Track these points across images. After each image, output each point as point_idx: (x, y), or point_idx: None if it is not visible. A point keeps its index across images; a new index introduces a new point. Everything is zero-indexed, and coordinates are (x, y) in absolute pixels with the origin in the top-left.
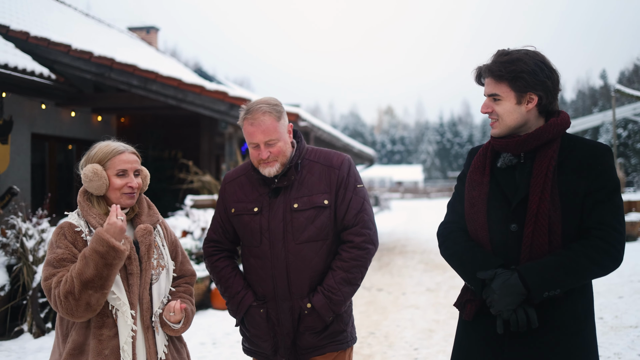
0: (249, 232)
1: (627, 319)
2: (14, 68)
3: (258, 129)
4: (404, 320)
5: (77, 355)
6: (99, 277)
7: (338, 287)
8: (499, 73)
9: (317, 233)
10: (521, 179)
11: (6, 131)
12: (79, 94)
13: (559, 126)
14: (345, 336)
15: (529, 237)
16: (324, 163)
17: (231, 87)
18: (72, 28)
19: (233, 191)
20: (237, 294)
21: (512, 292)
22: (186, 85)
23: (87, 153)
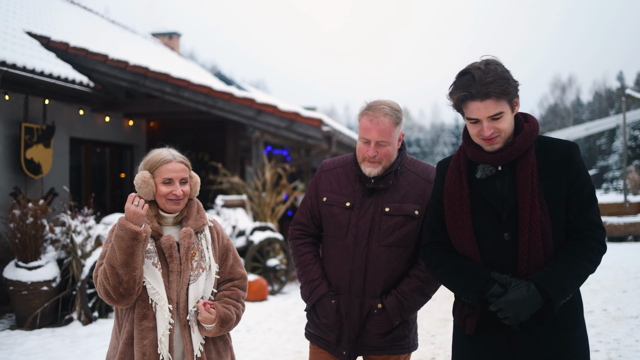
0: (336, 224)
1: (629, 311)
2: (57, 77)
3: (375, 127)
4: (422, 311)
5: (130, 345)
6: (125, 260)
7: (411, 294)
8: (500, 92)
9: (401, 240)
10: (503, 188)
11: (49, 136)
12: (114, 100)
13: (535, 132)
14: (407, 342)
15: (526, 244)
16: (421, 175)
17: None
18: (103, 36)
19: (328, 180)
20: (313, 281)
21: (530, 305)
22: (216, 93)
23: (144, 158)
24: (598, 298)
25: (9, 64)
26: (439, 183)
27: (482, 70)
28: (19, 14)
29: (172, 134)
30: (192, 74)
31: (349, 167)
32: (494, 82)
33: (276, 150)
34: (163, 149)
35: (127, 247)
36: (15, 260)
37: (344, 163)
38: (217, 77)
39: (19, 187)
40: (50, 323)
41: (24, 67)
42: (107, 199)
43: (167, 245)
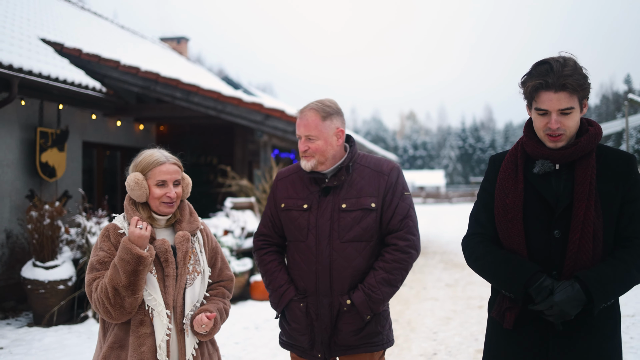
0: (296, 227)
1: (626, 310)
2: (71, 83)
3: (302, 122)
4: (425, 310)
5: (117, 349)
6: (128, 282)
7: (378, 287)
8: (577, 86)
9: (361, 234)
10: (559, 186)
11: (63, 140)
12: (125, 105)
13: (598, 136)
14: (381, 338)
15: (576, 243)
16: (374, 168)
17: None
18: (113, 41)
19: (284, 187)
20: (280, 287)
21: (575, 304)
22: (225, 98)
23: (134, 159)
24: None
25: (26, 71)
26: (490, 176)
27: (561, 63)
28: (33, 21)
29: (181, 137)
30: (201, 79)
31: (302, 172)
32: (571, 76)
33: (283, 153)
34: (155, 150)
35: (132, 271)
36: (33, 260)
37: (297, 169)
38: (225, 81)
39: (34, 190)
40: (67, 320)
41: (39, 74)
42: (118, 201)
43: (163, 250)
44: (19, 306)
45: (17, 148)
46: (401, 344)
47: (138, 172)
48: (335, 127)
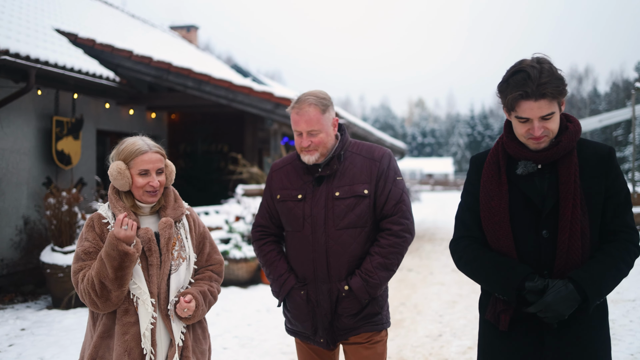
0: (292, 217)
1: (627, 295)
2: (86, 72)
3: (302, 119)
4: (431, 294)
5: (106, 338)
6: (115, 277)
7: (375, 271)
8: (556, 93)
9: (356, 220)
10: (543, 186)
11: (78, 128)
12: (138, 94)
13: (577, 133)
14: (380, 318)
15: (566, 242)
16: (365, 155)
17: (268, 84)
18: (124, 30)
19: (279, 179)
20: (281, 276)
21: (569, 304)
22: (236, 87)
23: (116, 147)
24: None
25: (42, 61)
26: (473, 177)
27: (538, 69)
28: (47, 11)
29: (192, 125)
30: (211, 67)
31: (296, 163)
32: (549, 82)
33: (293, 141)
34: (137, 138)
35: (119, 266)
36: (52, 245)
37: (291, 160)
38: (234, 69)
39: (50, 177)
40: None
41: (55, 64)
42: None
43: (146, 239)
44: (38, 290)
45: (33, 136)
46: (408, 325)
47: (120, 160)
48: (332, 117)
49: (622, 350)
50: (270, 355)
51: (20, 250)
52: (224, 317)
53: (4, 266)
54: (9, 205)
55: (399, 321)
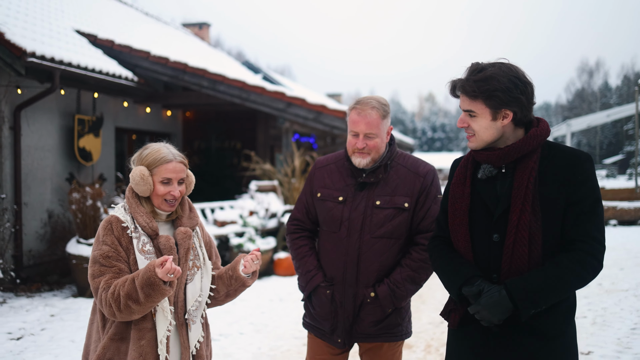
0: (330, 218)
1: (621, 285)
2: (106, 73)
3: (363, 120)
4: (435, 284)
5: (117, 341)
6: (145, 306)
7: (403, 283)
8: (473, 93)
9: (392, 231)
10: (502, 190)
11: (98, 126)
12: (155, 93)
13: (538, 137)
14: (400, 330)
15: (510, 247)
16: (411, 169)
17: (279, 81)
18: (140, 29)
19: (322, 177)
20: (309, 272)
21: (500, 310)
22: (249, 87)
23: (140, 151)
24: None
25: (66, 63)
26: (449, 180)
27: (477, 69)
28: (67, 12)
29: (206, 123)
30: (224, 66)
31: (341, 163)
32: (476, 81)
33: (304, 138)
34: (162, 146)
35: (152, 300)
36: (77, 237)
37: (336, 159)
38: (245, 66)
39: (73, 173)
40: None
41: (78, 65)
42: None
43: (167, 247)
44: (62, 279)
45: (56, 134)
46: (412, 313)
47: (144, 166)
48: (388, 126)
49: (609, 335)
50: (283, 340)
51: (45, 242)
52: (239, 305)
53: (31, 257)
54: (34, 200)
55: None
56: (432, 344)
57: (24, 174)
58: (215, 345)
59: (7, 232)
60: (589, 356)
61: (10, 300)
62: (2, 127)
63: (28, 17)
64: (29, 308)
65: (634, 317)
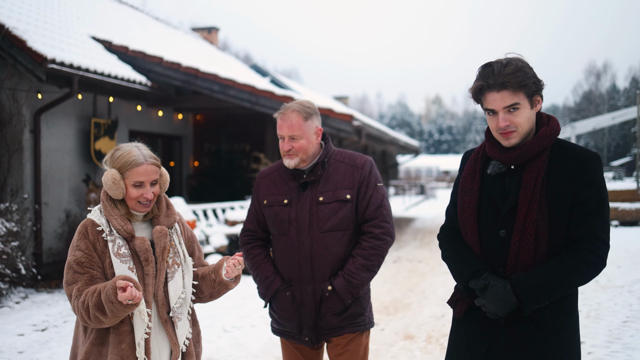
0: (278, 221)
1: (617, 282)
2: (121, 78)
3: (285, 124)
4: (438, 282)
5: (98, 345)
6: (110, 318)
7: (357, 272)
8: (517, 83)
9: (339, 224)
10: (511, 187)
11: (113, 129)
12: (167, 97)
13: (549, 137)
14: (363, 319)
15: (516, 244)
16: (348, 163)
17: (287, 84)
18: (151, 34)
19: (266, 185)
20: (267, 278)
21: (505, 304)
22: (259, 91)
23: (111, 152)
24: None
25: (84, 68)
26: (460, 172)
27: (502, 63)
28: (82, 19)
29: (216, 126)
30: (233, 70)
31: (282, 170)
32: (511, 74)
33: None
34: (133, 147)
35: (119, 317)
36: None
37: (278, 167)
38: (253, 69)
39: (89, 174)
40: None
41: (95, 71)
42: None
43: (143, 249)
44: None
45: (74, 137)
46: (415, 308)
47: (115, 169)
48: (315, 126)
49: (602, 327)
50: None
51: (63, 241)
52: (250, 300)
53: (50, 255)
54: (53, 200)
55: (407, 304)
56: (433, 335)
57: (43, 175)
58: (228, 337)
59: (28, 231)
60: (581, 346)
61: (31, 296)
62: (24, 130)
63: (47, 25)
64: (50, 302)
65: (626, 312)
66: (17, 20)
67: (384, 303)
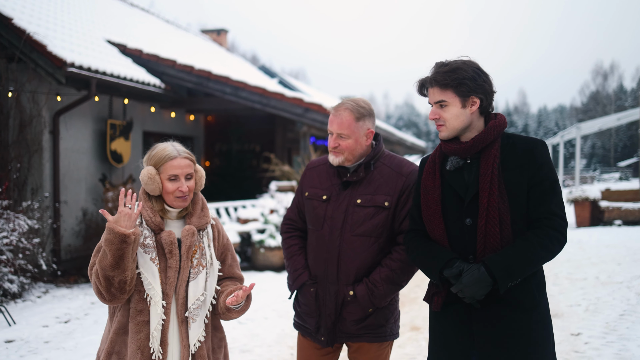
0: (314, 216)
1: (616, 278)
2: (136, 81)
3: (335, 120)
4: None
5: (121, 335)
6: (115, 262)
7: (381, 283)
8: (444, 82)
9: (372, 229)
10: (470, 178)
11: (128, 130)
12: (180, 99)
13: (498, 127)
14: (384, 330)
15: (483, 229)
16: (394, 168)
17: (294, 85)
18: (162, 37)
19: (311, 177)
20: (296, 270)
21: (482, 285)
22: (270, 93)
23: (149, 152)
24: (595, 269)
25: (101, 72)
26: (420, 176)
27: (443, 63)
28: (97, 23)
29: (227, 127)
30: (243, 72)
31: (329, 164)
32: (443, 73)
33: (320, 141)
34: (167, 144)
35: (116, 250)
36: None
37: (326, 161)
38: (262, 71)
39: (105, 174)
40: None
41: (111, 74)
42: None
43: (168, 242)
44: None
45: (90, 138)
46: (421, 302)
47: (151, 166)
48: (367, 128)
49: (599, 320)
50: None
51: (81, 238)
52: (262, 295)
53: (68, 252)
54: (71, 199)
55: (414, 299)
56: None
57: (61, 175)
58: (243, 328)
59: (47, 228)
60: (579, 337)
61: (52, 290)
62: (43, 131)
63: (65, 30)
64: (70, 297)
65: (624, 305)
66: (38, 25)
67: None
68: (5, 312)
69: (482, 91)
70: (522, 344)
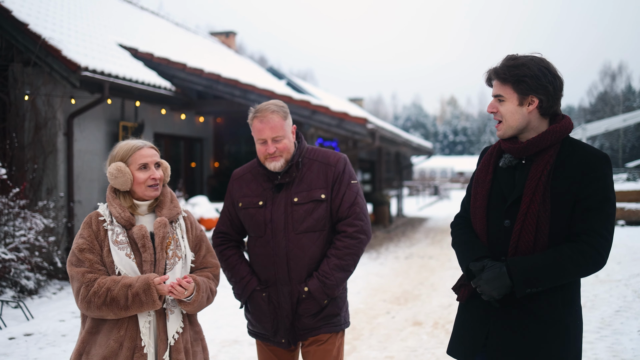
0: (254, 223)
1: (615, 276)
2: (148, 84)
3: (267, 126)
4: (447, 276)
5: (94, 334)
6: (126, 311)
7: (331, 273)
8: (504, 76)
9: (314, 224)
10: (519, 179)
11: (140, 132)
12: (190, 101)
13: (557, 132)
14: (338, 319)
15: (517, 233)
16: (322, 161)
17: (302, 86)
18: (173, 40)
19: (240, 187)
20: (243, 279)
21: (500, 285)
22: (278, 96)
23: (110, 154)
24: None
25: (114, 75)
26: (477, 166)
27: (511, 57)
28: (108, 27)
29: (236, 128)
30: (252, 74)
31: (256, 171)
32: (507, 67)
33: (327, 142)
34: (128, 140)
35: (137, 309)
36: None
37: (251, 168)
38: (270, 72)
39: None
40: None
41: (124, 77)
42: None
43: (140, 236)
44: None
45: (103, 139)
46: (424, 299)
47: (117, 161)
48: (291, 125)
49: (595, 315)
50: None
51: None
52: None
53: None
54: (84, 199)
55: (416, 296)
56: (439, 322)
57: (75, 175)
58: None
59: (62, 227)
60: None
61: (66, 287)
62: (58, 133)
63: (78, 34)
64: None
65: (620, 302)
66: (52, 30)
67: (395, 294)
68: (24, 307)
69: (543, 91)
70: (531, 356)
